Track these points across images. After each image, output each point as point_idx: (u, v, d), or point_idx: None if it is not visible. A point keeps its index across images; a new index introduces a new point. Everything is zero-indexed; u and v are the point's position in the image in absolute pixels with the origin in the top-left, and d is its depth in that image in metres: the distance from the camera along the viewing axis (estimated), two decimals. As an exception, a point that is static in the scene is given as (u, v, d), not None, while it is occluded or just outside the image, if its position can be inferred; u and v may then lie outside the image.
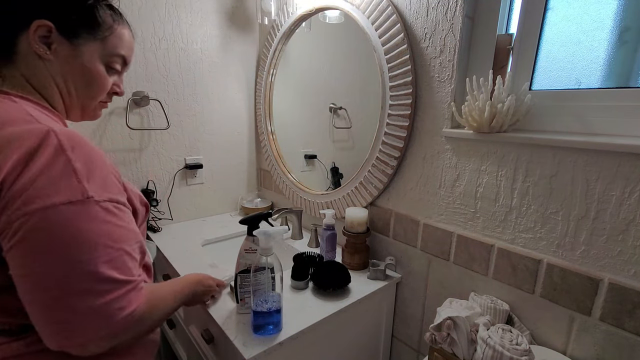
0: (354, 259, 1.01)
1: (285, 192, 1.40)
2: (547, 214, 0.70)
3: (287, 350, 0.73)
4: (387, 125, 0.95)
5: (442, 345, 0.68)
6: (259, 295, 0.69)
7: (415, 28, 0.87)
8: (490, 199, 0.79)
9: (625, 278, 0.62)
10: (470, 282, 0.85)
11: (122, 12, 0.61)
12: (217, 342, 0.82)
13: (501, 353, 0.59)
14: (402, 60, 0.88)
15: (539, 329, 0.74)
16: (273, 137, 1.44)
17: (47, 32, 0.52)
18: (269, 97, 1.42)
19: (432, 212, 0.91)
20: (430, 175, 0.90)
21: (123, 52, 0.60)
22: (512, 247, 0.76)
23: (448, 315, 0.67)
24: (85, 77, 0.57)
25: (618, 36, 0.66)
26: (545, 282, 0.71)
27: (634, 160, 0.59)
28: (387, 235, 1.04)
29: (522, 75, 0.76)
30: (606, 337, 0.65)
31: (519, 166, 0.73)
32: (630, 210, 0.60)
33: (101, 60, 0.57)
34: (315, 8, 1.13)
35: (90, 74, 0.57)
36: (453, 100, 0.82)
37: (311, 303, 0.84)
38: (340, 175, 1.23)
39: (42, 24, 0.51)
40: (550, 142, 0.67)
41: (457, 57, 0.80)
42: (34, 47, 0.51)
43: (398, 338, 1.06)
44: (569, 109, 0.71)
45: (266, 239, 0.68)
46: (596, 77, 0.70)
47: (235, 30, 1.40)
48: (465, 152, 0.82)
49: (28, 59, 0.52)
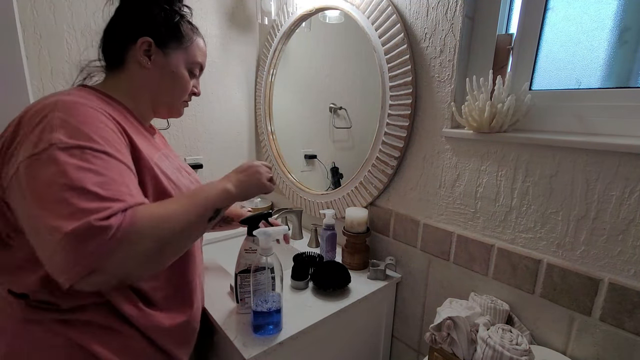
0: (354, 259, 1.01)
1: (285, 192, 1.40)
2: (547, 214, 0.70)
3: (287, 350, 0.73)
4: (387, 125, 0.95)
5: (442, 345, 0.68)
6: (259, 295, 0.69)
7: (415, 28, 0.87)
8: (490, 199, 0.79)
9: (625, 278, 0.62)
10: (470, 282, 0.85)
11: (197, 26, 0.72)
12: (217, 342, 0.82)
13: (501, 353, 0.59)
14: (402, 60, 0.88)
15: (539, 329, 0.74)
16: (273, 137, 1.44)
17: (148, 46, 0.63)
18: (269, 97, 1.42)
19: (432, 212, 0.91)
20: (430, 175, 0.90)
21: (200, 60, 0.71)
22: (512, 247, 0.76)
23: (448, 315, 0.67)
24: (174, 81, 0.68)
25: (618, 36, 0.66)
26: (545, 282, 0.71)
27: (634, 160, 0.59)
28: (387, 235, 1.04)
29: (522, 75, 0.76)
30: (606, 337, 0.65)
31: (519, 166, 0.73)
32: (630, 210, 0.60)
33: (185, 66, 0.68)
34: (315, 8, 1.13)
35: (177, 77, 0.68)
36: (453, 100, 0.82)
37: (311, 303, 0.84)
38: (340, 175, 1.23)
39: (146, 40, 0.62)
40: (550, 142, 0.67)
41: (457, 57, 0.80)
42: (138, 59, 0.63)
43: (398, 338, 1.06)
44: (569, 109, 0.71)
45: (266, 239, 0.68)
46: (596, 77, 0.70)
47: (235, 30, 1.40)
48: (465, 152, 0.82)
49: (130, 67, 0.64)
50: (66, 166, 0.45)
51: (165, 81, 0.67)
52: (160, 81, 0.66)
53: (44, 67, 0.98)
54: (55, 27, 0.98)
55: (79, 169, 0.46)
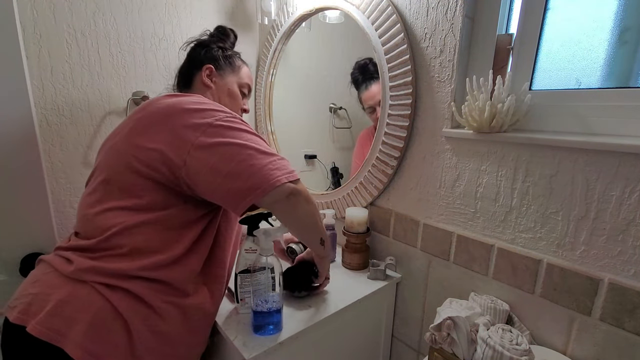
0: (354, 259, 1.01)
1: (285, 192, 1.39)
2: (547, 214, 0.70)
3: (287, 350, 0.73)
4: (387, 125, 0.95)
5: (442, 345, 0.68)
6: (259, 295, 0.69)
7: (415, 28, 0.87)
8: (490, 199, 0.79)
9: (625, 278, 0.62)
10: (470, 282, 0.85)
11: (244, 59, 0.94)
12: (217, 342, 0.82)
13: (501, 353, 0.59)
14: (402, 60, 0.88)
15: (539, 329, 0.74)
16: (273, 137, 1.44)
17: (209, 71, 0.85)
18: (269, 97, 1.42)
19: (432, 212, 0.91)
20: (430, 175, 0.90)
21: (247, 81, 0.91)
22: (512, 247, 0.76)
23: (448, 315, 0.67)
24: (230, 96, 0.88)
25: (618, 36, 0.66)
26: (545, 282, 0.71)
27: (634, 160, 0.59)
28: (387, 235, 1.04)
29: (522, 75, 0.76)
30: (606, 337, 0.65)
31: (519, 166, 0.73)
32: (630, 210, 0.60)
33: (237, 86, 0.89)
34: (315, 8, 1.13)
35: (232, 93, 0.88)
36: (453, 100, 0.82)
37: (311, 303, 0.84)
38: (340, 175, 1.23)
39: (208, 67, 0.85)
40: (550, 142, 0.67)
41: (457, 57, 0.80)
42: (204, 81, 0.84)
43: (398, 338, 1.06)
44: (569, 109, 0.71)
45: (266, 239, 0.68)
46: (596, 77, 0.70)
47: (235, 30, 1.40)
48: (465, 152, 0.82)
49: (197, 87, 0.85)
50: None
51: (223, 96, 0.86)
52: (221, 95, 0.86)
53: (44, 67, 0.98)
54: (55, 27, 0.98)
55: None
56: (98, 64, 1.07)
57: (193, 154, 0.60)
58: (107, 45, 1.08)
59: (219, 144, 0.61)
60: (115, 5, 1.08)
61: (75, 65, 1.03)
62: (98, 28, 1.06)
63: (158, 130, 0.63)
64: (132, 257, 0.61)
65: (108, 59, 1.09)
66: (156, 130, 0.63)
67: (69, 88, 1.03)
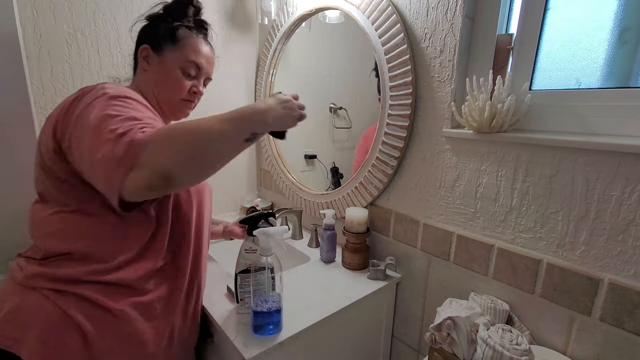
0: (354, 259, 1.01)
1: (285, 192, 1.40)
2: (547, 214, 0.70)
3: (287, 350, 0.73)
4: (387, 125, 0.95)
5: (442, 345, 0.68)
6: (259, 295, 0.69)
7: (415, 28, 0.87)
8: (490, 199, 0.79)
9: (625, 278, 0.62)
10: (470, 282, 0.85)
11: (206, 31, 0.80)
12: (217, 342, 0.82)
13: (501, 353, 0.59)
14: (402, 60, 0.88)
15: (539, 329, 0.74)
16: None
17: (145, 52, 0.73)
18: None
19: (432, 212, 0.91)
20: (430, 175, 0.90)
21: (194, 58, 0.74)
22: (512, 247, 0.76)
23: (448, 315, 0.67)
24: (167, 79, 0.74)
25: (618, 36, 0.66)
26: (545, 282, 0.71)
27: (634, 160, 0.59)
28: (387, 235, 1.04)
29: (522, 75, 0.76)
30: (606, 337, 0.65)
31: (519, 166, 0.73)
32: (630, 210, 0.60)
33: (178, 65, 0.74)
34: (315, 8, 1.13)
35: (169, 76, 0.74)
36: (453, 100, 0.82)
37: (312, 302, 0.84)
38: (340, 175, 1.23)
39: (144, 47, 0.73)
40: (550, 142, 0.67)
41: (457, 57, 0.80)
42: (141, 65, 0.74)
43: (398, 338, 1.06)
44: (569, 109, 0.71)
45: (266, 239, 0.68)
46: (596, 77, 0.70)
47: (235, 30, 1.40)
48: (465, 152, 0.82)
49: (139, 71, 0.76)
50: (116, 107, 0.56)
51: (160, 79, 0.74)
52: (157, 80, 0.74)
53: (44, 67, 0.98)
54: (55, 27, 0.98)
55: (124, 107, 0.57)
56: (98, 64, 1.07)
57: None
58: (107, 45, 1.08)
59: None
60: (115, 5, 1.08)
61: (75, 65, 1.03)
62: (98, 28, 1.06)
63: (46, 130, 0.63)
64: (83, 261, 0.61)
65: (108, 59, 1.09)
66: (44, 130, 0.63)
67: (69, 88, 1.03)
